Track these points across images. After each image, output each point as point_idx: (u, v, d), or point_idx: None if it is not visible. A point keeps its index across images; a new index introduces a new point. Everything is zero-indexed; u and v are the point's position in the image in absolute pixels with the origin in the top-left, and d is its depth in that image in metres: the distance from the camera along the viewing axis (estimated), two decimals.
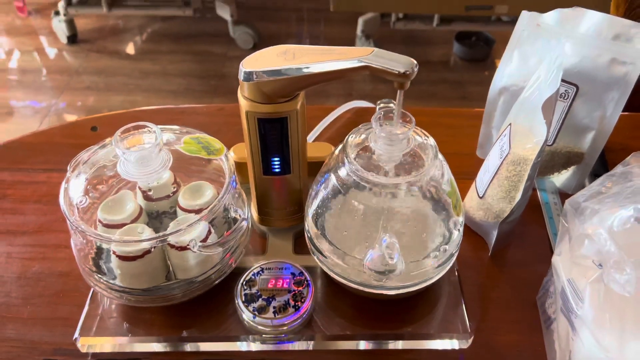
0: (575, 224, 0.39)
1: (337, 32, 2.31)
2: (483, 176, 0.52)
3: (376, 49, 0.39)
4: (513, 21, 1.96)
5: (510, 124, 0.50)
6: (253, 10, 2.39)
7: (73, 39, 2.22)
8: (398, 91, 0.39)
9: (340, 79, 0.42)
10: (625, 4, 0.75)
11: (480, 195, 0.52)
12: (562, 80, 0.51)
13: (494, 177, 0.50)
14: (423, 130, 0.44)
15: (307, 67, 0.40)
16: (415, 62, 0.38)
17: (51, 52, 2.24)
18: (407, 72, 0.37)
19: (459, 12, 1.77)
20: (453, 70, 2.09)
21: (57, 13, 2.15)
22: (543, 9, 0.56)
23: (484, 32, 2.09)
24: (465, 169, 0.57)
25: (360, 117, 0.74)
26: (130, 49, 2.26)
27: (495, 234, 0.52)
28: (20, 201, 0.61)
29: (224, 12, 2.13)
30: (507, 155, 0.48)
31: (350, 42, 2.13)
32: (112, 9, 2.12)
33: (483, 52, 2.10)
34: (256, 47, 2.18)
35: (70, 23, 2.18)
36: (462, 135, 0.70)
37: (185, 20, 2.35)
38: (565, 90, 0.54)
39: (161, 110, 0.77)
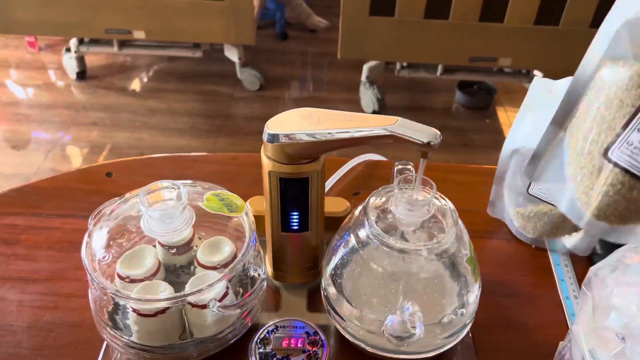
0: (599, 294, 0.40)
1: (341, 77, 2.36)
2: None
3: (400, 119, 0.40)
4: (515, 72, 2.02)
5: None
6: (260, 53, 2.45)
7: (82, 75, 2.26)
8: (421, 160, 0.40)
9: (363, 145, 0.43)
10: None
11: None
12: None
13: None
14: (442, 195, 0.45)
15: (333, 133, 0.41)
16: (438, 132, 0.39)
17: (59, 87, 2.27)
18: (432, 143, 0.39)
19: (463, 62, 1.81)
20: (455, 118, 2.13)
21: (68, 50, 2.19)
22: (544, 63, 0.57)
23: (485, 81, 2.13)
24: (475, 227, 0.58)
25: (372, 170, 0.75)
26: (137, 86, 2.30)
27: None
28: (34, 247, 0.61)
29: (232, 54, 2.18)
30: None
31: (355, 87, 2.17)
32: (122, 48, 2.16)
33: (485, 100, 2.14)
34: (262, 89, 2.22)
35: (81, 60, 2.22)
36: (472, 192, 0.71)
37: (193, 60, 2.40)
38: None
39: (174, 158, 0.78)
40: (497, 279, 0.59)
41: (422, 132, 0.39)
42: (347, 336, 0.46)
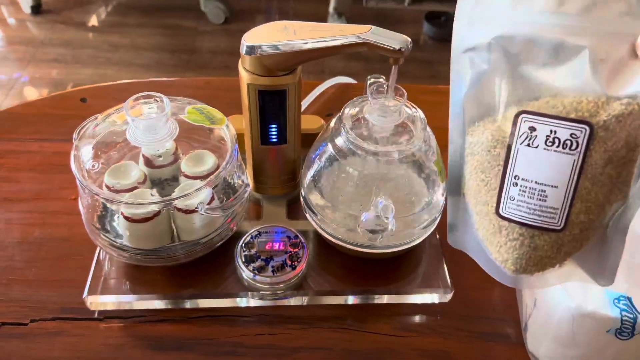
0: None
1: (308, 9, 2.32)
2: (541, 202, 0.36)
3: (373, 27, 0.42)
4: None
5: None
6: None
7: (37, 9, 2.16)
8: (392, 67, 0.43)
9: (338, 54, 0.45)
10: None
11: (562, 226, 0.37)
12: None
13: (578, 180, 0.35)
14: (413, 104, 0.48)
15: (309, 43, 0.43)
16: (409, 39, 0.42)
17: (14, 22, 2.17)
18: (402, 49, 0.41)
19: None
20: (423, 50, 2.14)
21: None
22: None
23: (453, 12, 2.14)
24: (444, 142, 0.61)
25: (342, 93, 0.77)
26: (97, 20, 2.21)
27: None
28: (15, 170, 0.62)
29: None
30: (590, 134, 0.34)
31: (322, 19, 2.14)
32: None
33: (452, 32, 2.15)
34: (227, 22, 2.18)
35: None
36: (440, 110, 0.73)
37: None
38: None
39: (149, 83, 0.78)
40: None
41: (393, 39, 0.41)
42: (326, 235, 0.50)
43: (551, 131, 0.34)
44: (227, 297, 0.50)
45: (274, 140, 0.52)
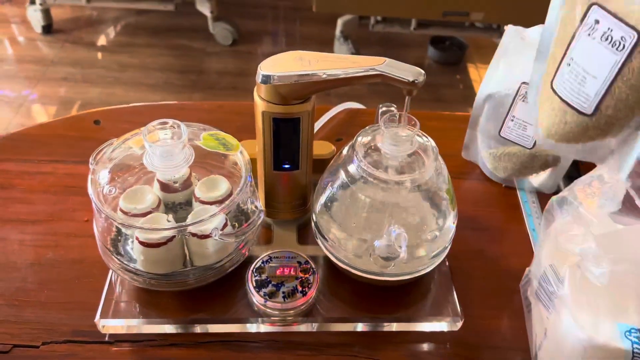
0: (559, 216, 0.45)
1: (315, 32, 2.35)
2: (580, 86, 0.44)
3: (387, 59, 0.43)
4: (486, 28, 2.05)
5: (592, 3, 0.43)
6: (232, 7, 2.41)
7: (48, 28, 2.19)
8: (406, 97, 0.44)
9: (352, 85, 0.46)
10: None
11: (591, 112, 0.44)
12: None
13: (615, 79, 0.41)
14: (424, 133, 0.49)
15: (325, 74, 0.44)
16: (422, 71, 0.43)
17: (25, 41, 2.20)
18: (416, 81, 0.42)
19: (436, 17, 1.83)
20: (427, 74, 2.11)
21: (32, 2, 2.12)
22: (515, 17, 0.62)
23: (457, 37, 2.16)
24: (451, 169, 0.62)
25: (352, 117, 0.78)
26: (107, 40, 2.24)
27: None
28: (29, 191, 0.63)
29: (204, 8, 2.14)
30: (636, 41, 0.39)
31: (329, 42, 2.17)
32: (90, 0, 2.10)
33: (456, 56, 2.18)
34: (235, 43, 2.21)
35: (46, 12, 2.15)
36: (447, 137, 0.74)
37: (162, 15, 2.35)
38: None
39: (161, 106, 0.79)
40: (470, 215, 0.64)
41: (407, 71, 0.42)
42: (336, 261, 0.50)
43: (609, 28, 0.40)
44: (237, 322, 0.50)
45: (287, 166, 0.53)
